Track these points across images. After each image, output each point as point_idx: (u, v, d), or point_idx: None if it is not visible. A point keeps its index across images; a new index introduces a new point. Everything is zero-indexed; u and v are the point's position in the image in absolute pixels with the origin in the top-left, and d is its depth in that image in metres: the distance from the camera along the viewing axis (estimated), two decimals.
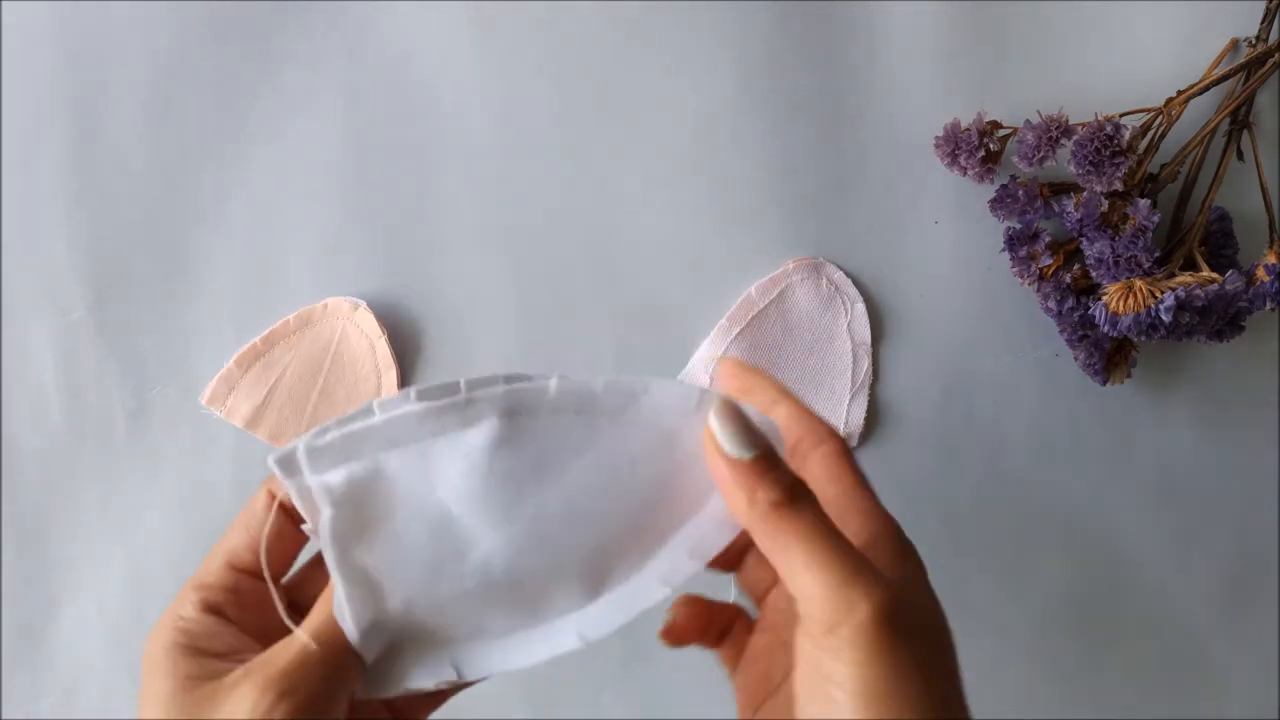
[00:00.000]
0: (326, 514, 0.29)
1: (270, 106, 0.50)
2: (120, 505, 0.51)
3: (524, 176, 0.51)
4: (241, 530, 0.31)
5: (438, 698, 0.33)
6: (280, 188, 0.50)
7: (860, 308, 0.51)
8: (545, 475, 0.29)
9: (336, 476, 0.29)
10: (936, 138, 0.50)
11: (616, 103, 0.51)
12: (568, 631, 0.30)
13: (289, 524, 0.30)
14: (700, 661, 0.53)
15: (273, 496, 0.30)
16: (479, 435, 0.28)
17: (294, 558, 0.31)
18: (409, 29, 0.50)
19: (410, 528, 0.29)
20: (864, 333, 0.51)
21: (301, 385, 0.50)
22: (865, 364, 0.51)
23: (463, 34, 0.50)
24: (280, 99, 0.50)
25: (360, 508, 0.29)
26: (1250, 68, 0.49)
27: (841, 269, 0.51)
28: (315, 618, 0.29)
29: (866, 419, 0.52)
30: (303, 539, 0.31)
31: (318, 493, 0.29)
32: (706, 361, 0.51)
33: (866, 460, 0.52)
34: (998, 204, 0.50)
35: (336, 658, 0.28)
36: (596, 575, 0.30)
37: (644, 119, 0.51)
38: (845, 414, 0.51)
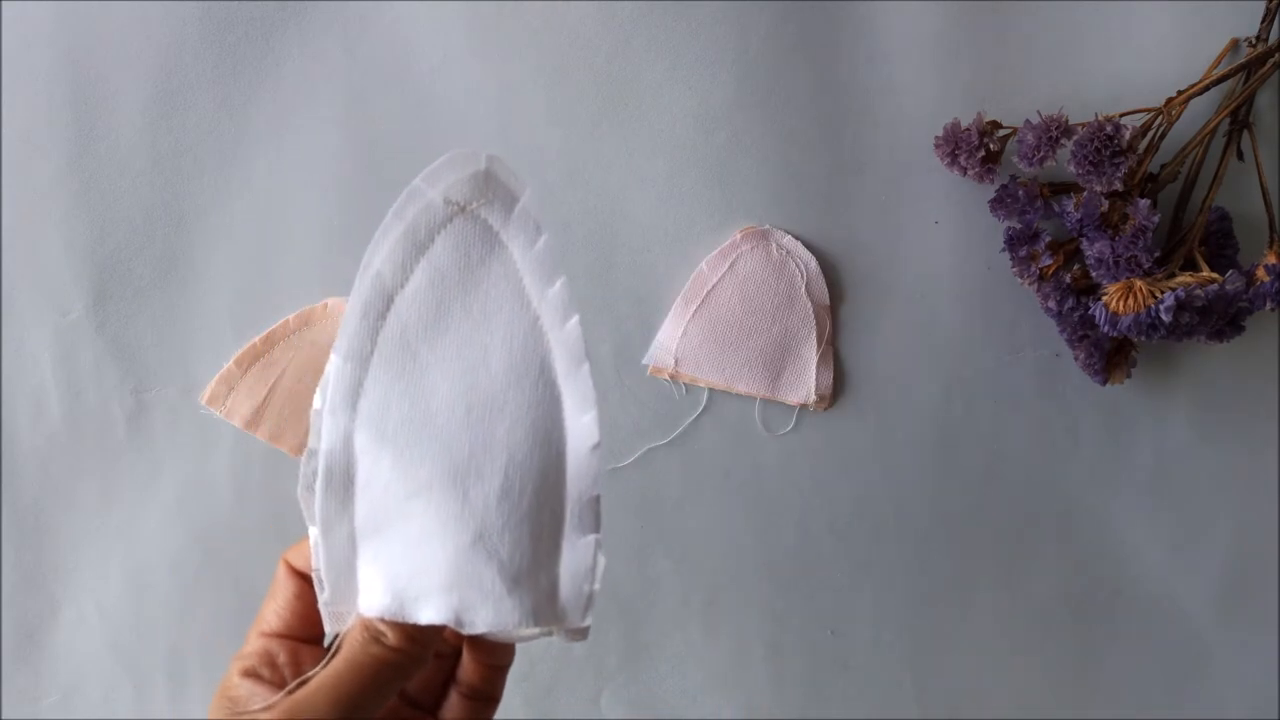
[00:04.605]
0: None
1: (270, 106, 0.50)
2: (120, 505, 0.51)
3: (523, 176, 0.51)
4: (268, 600, 0.35)
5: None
6: (280, 188, 0.50)
7: (815, 267, 0.51)
8: None
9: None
10: (936, 138, 0.50)
11: (616, 102, 0.51)
12: None
13: (307, 587, 0.35)
14: (700, 662, 0.53)
15: (289, 565, 0.35)
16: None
17: (318, 615, 0.35)
18: (409, 29, 0.50)
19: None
20: (822, 294, 0.51)
21: (301, 385, 0.50)
22: (827, 325, 0.51)
23: (463, 34, 0.50)
24: (280, 99, 0.50)
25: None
26: (1250, 68, 0.49)
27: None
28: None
29: (864, 418, 0.52)
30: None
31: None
32: (668, 344, 0.51)
33: (867, 462, 0.52)
34: (998, 204, 0.50)
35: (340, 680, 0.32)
36: None
37: (643, 119, 0.51)
38: (814, 378, 0.51)
